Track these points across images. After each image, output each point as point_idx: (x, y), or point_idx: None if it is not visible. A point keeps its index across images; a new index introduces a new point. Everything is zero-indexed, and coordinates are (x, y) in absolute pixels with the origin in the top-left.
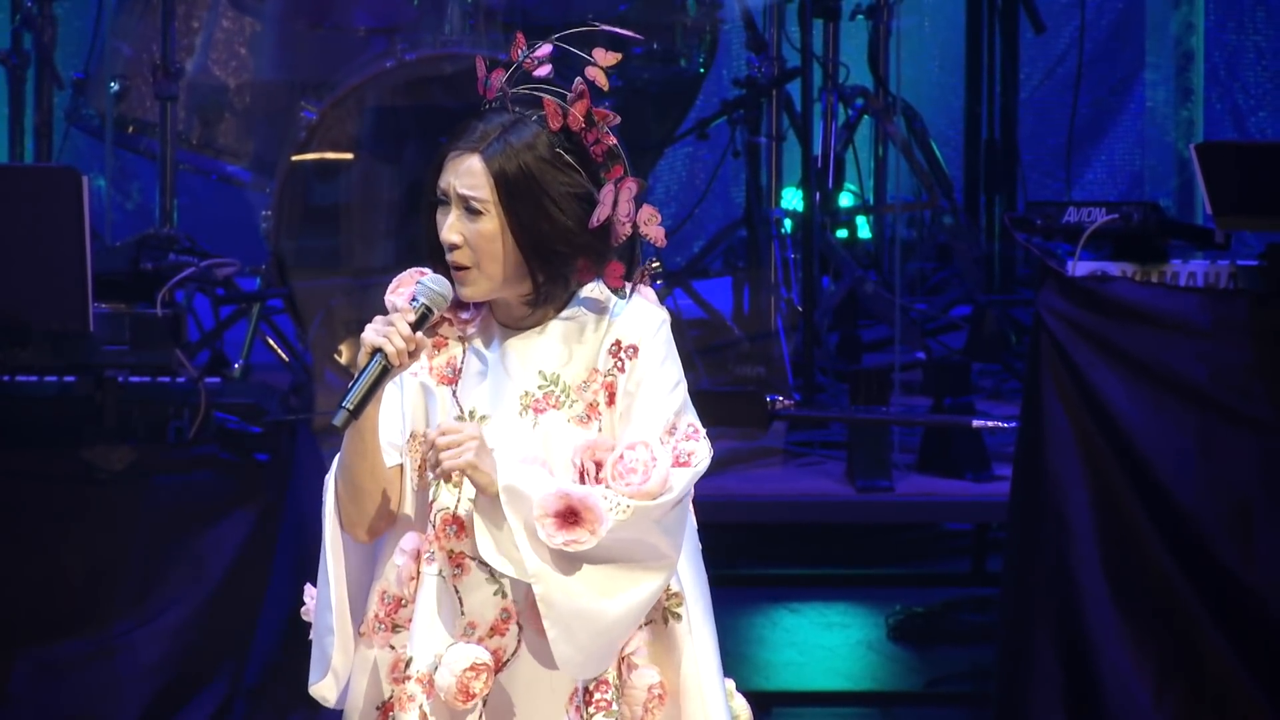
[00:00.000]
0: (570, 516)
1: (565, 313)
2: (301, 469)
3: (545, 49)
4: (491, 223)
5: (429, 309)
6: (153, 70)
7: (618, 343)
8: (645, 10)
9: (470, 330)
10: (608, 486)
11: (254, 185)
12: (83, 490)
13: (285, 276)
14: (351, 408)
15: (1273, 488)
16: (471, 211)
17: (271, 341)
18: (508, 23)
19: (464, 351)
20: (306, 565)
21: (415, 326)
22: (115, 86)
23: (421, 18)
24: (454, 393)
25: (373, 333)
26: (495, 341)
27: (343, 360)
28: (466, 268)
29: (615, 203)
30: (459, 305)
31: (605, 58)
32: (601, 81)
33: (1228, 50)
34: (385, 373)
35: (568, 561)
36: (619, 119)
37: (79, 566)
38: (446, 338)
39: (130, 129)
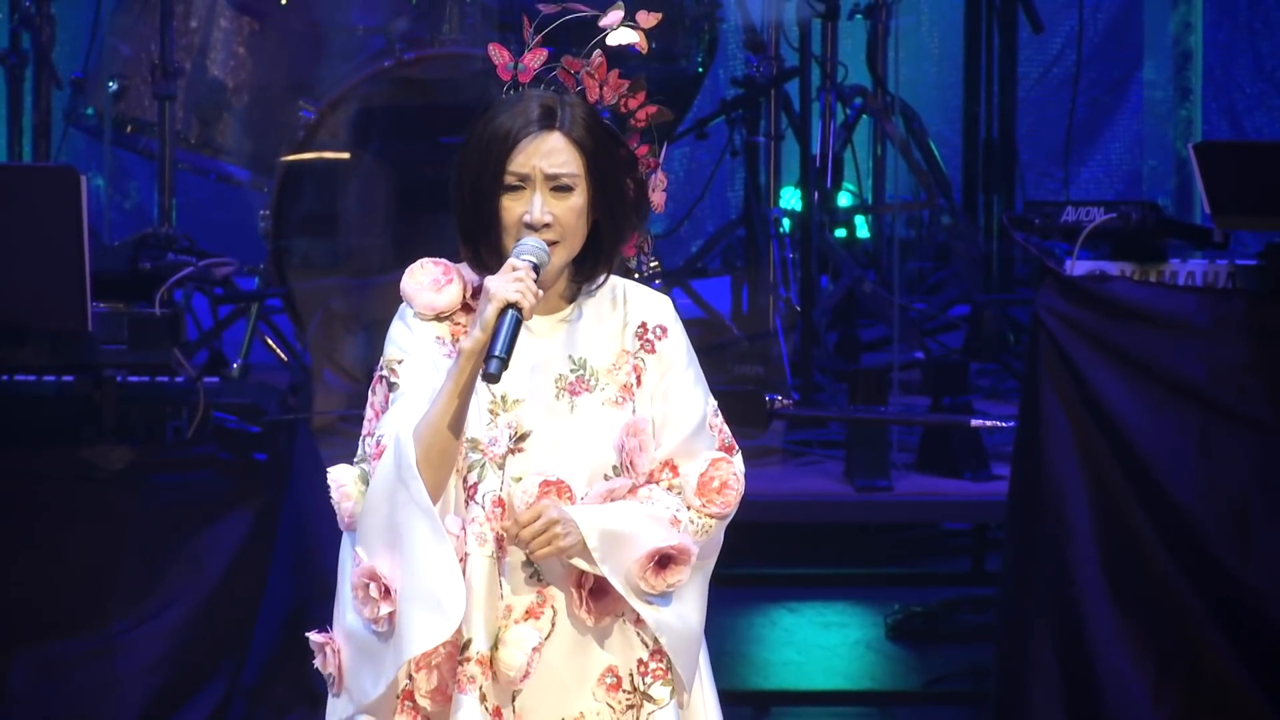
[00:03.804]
0: (665, 561)
1: (583, 298)
2: (300, 468)
3: (616, 15)
4: (581, 197)
5: (538, 265)
6: (151, 69)
7: (644, 325)
8: (644, 9)
9: None
10: (688, 505)
11: (252, 184)
12: (81, 490)
13: (284, 276)
14: (505, 357)
15: (1270, 486)
16: (562, 189)
17: (270, 341)
18: (506, 22)
19: None
20: (305, 565)
21: None
22: (114, 86)
23: (420, 18)
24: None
25: (508, 288)
26: None
27: (344, 362)
28: (554, 243)
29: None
30: (478, 293)
31: (647, 19)
32: (642, 45)
33: (1224, 50)
34: (518, 323)
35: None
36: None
37: (77, 566)
38: (464, 324)
39: (129, 128)
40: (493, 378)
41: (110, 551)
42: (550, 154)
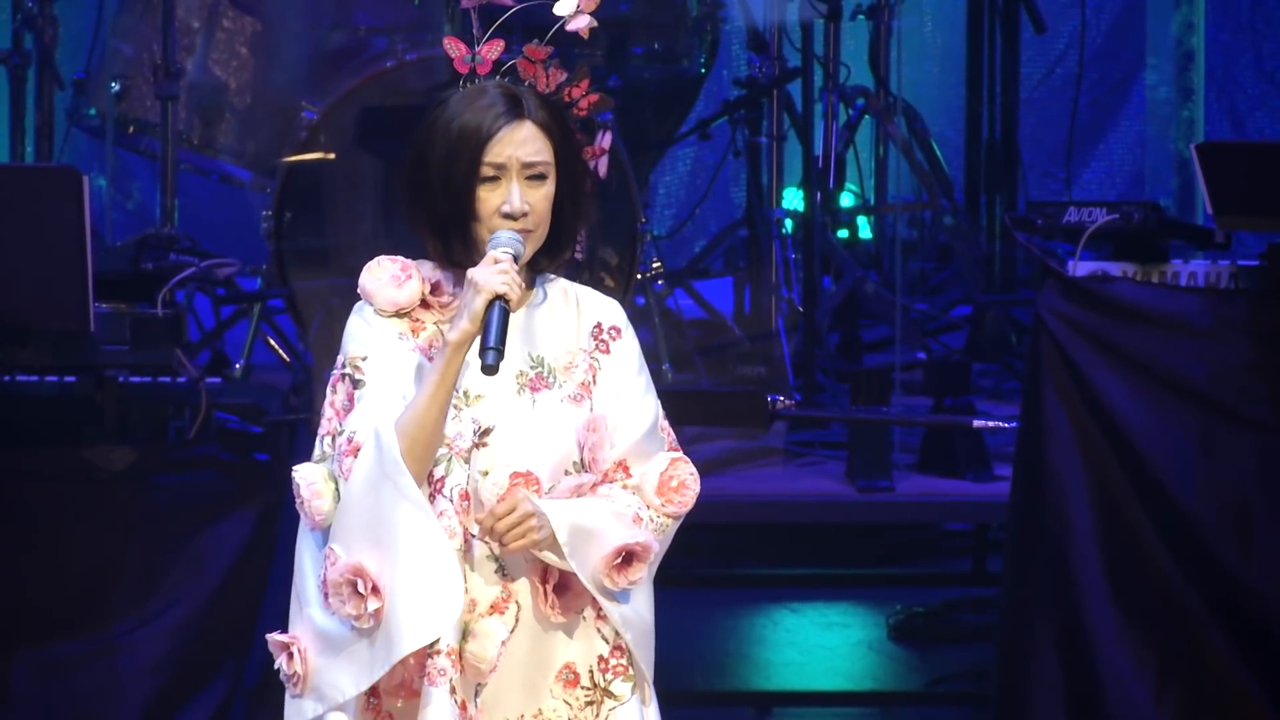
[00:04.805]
0: (629, 558)
1: (536, 295)
2: None
3: (571, 2)
4: (552, 185)
5: (516, 257)
6: (153, 70)
7: (599, 325)
8: (646, 10)
9: (446, 313)
10: (647, 504)
11: (254, 185)
12: (83, 490)
13: (286, 276)
14: (501, 347)
15: (1272, 487)
16: (537, 178)
17: (272, 341)
18: (506, 22)
19: (442, 334)
20: None
21: None
22: (116, 86)
23: (422, 18)
24: None
25: (494, 279)
26: None
27: None
28: (527, 232)
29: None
30: (436, 289)
31: (588, 2)
32: (584, 32)
33: (1226, 51)
34: (507, 314)
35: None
36: (566, 74)
37: (80, 566)
38: (424, 320)
39: (131, 129)
40: (491, 369)
41: (112, 552)
42: (525, 143)
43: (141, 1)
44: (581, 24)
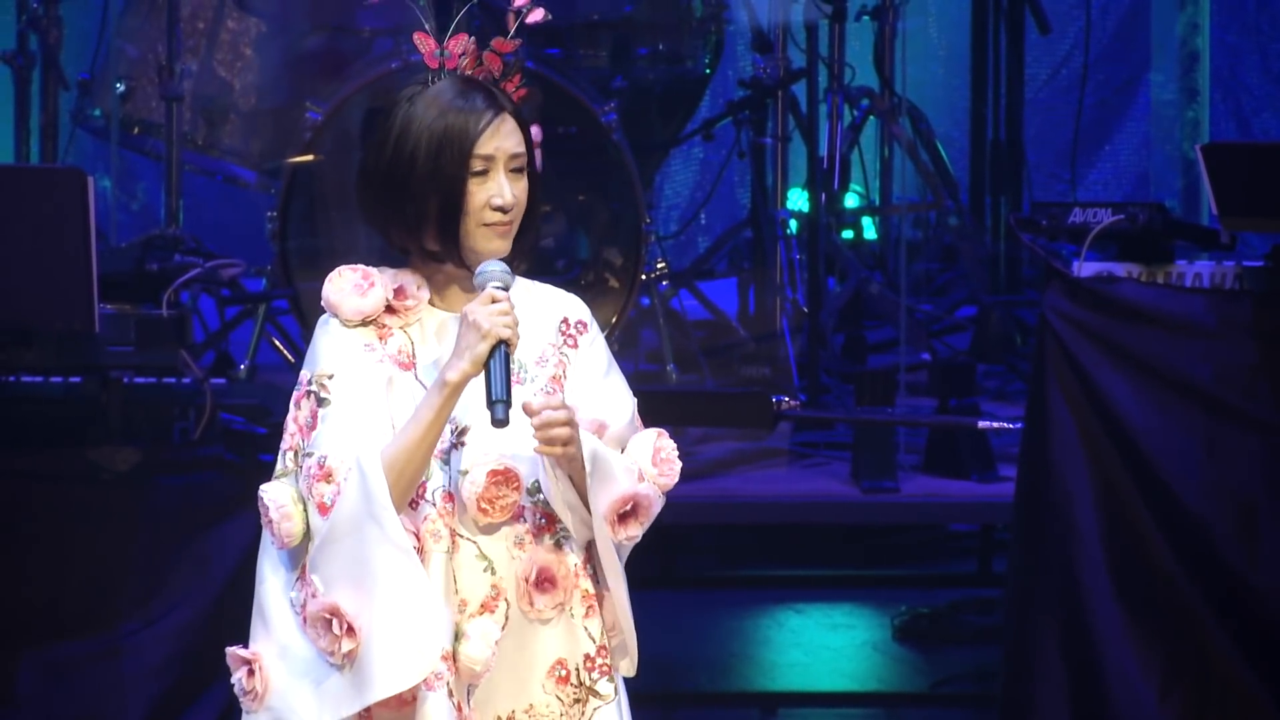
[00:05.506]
0: (633, 510)
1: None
2: None
3: None
4: (528, 177)
5: (507, 288)
6: (158, 71)
7: (565, 320)
8: (651, 11)
9: (412, 317)
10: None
11: (259, 186)
12: (87, 491)
13: (290, 277)
14: (509, 399)
15: (1277, 488)
16: (519, 170)
17: (277, 342)
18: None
19: (409, 338)
20: None
21: None
22: (120, 87)
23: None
24: (415, 377)
25: (496, 322)
26: (440, 325)
27: None
28: (512, 223)
29: None
30: (399, 293)
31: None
32: (510, 23)
33: (1231, 52)
34: (509, 358)
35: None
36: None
37: (84, 567)
38: (390, 326)
39: (136, 130)
40: (502, 423)
41: (117, 553)
42: (509, 135)
43: (146, 2)
44: (537, 17)
